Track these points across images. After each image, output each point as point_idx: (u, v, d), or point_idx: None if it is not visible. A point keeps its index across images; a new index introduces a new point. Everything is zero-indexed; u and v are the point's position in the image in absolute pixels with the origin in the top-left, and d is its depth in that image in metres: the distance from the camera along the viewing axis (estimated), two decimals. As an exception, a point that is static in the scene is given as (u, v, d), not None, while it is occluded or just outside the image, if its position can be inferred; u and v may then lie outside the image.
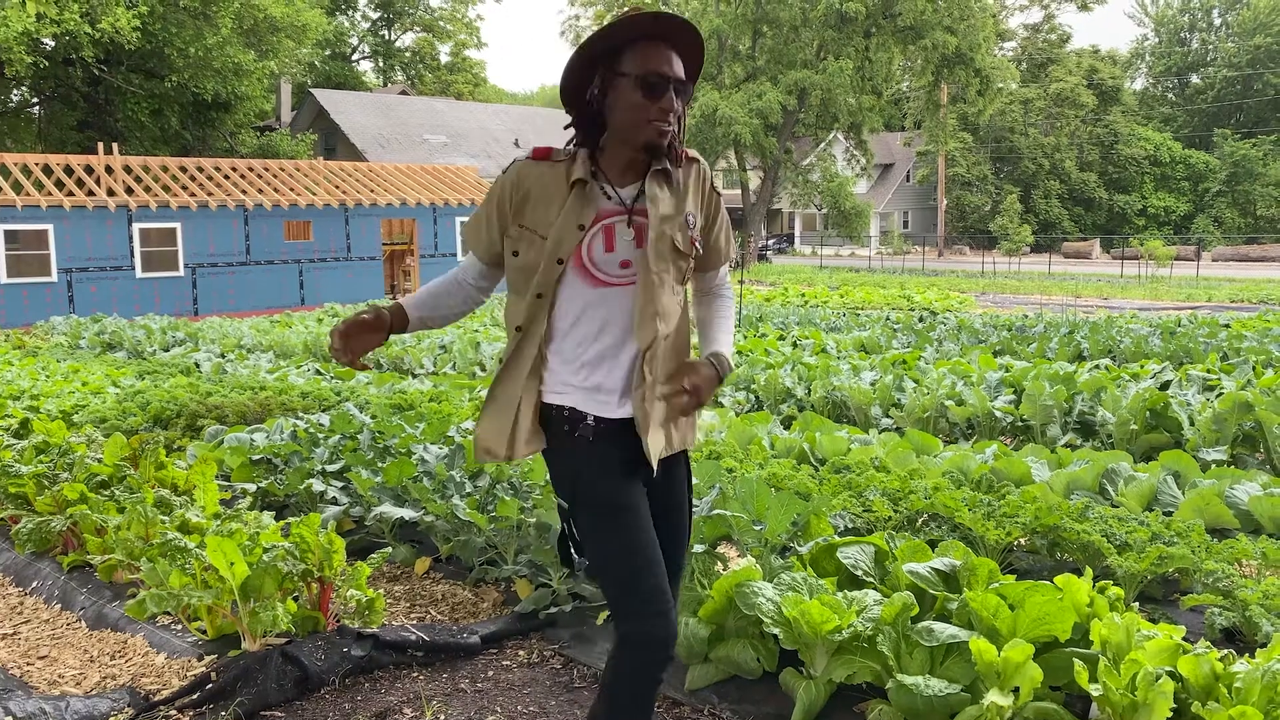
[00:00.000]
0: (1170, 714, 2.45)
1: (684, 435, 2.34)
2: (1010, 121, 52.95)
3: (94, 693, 3.25)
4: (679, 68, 2.16)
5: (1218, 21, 59.08)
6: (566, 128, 2.27)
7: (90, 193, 19.28)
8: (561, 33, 42.89)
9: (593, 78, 2.17)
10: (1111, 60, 56.37)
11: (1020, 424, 6.99)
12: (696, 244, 2.26)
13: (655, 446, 2.19)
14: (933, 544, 3.69)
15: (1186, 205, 52.85)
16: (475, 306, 2.38)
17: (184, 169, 21.55)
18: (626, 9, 2.16)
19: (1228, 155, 51.37)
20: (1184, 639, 2.77)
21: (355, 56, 51.64)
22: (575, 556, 2.28)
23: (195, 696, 3.12)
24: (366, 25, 51.34)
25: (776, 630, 2.95)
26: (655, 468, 2.21)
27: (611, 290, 2.19)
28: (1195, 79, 58.87)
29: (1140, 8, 63.26)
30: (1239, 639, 3.44)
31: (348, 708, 3.14)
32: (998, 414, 6.91)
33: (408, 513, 4.34)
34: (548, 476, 4.45)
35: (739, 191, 40.15)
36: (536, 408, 2.22)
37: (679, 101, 2.16)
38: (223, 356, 11.75)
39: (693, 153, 2.29)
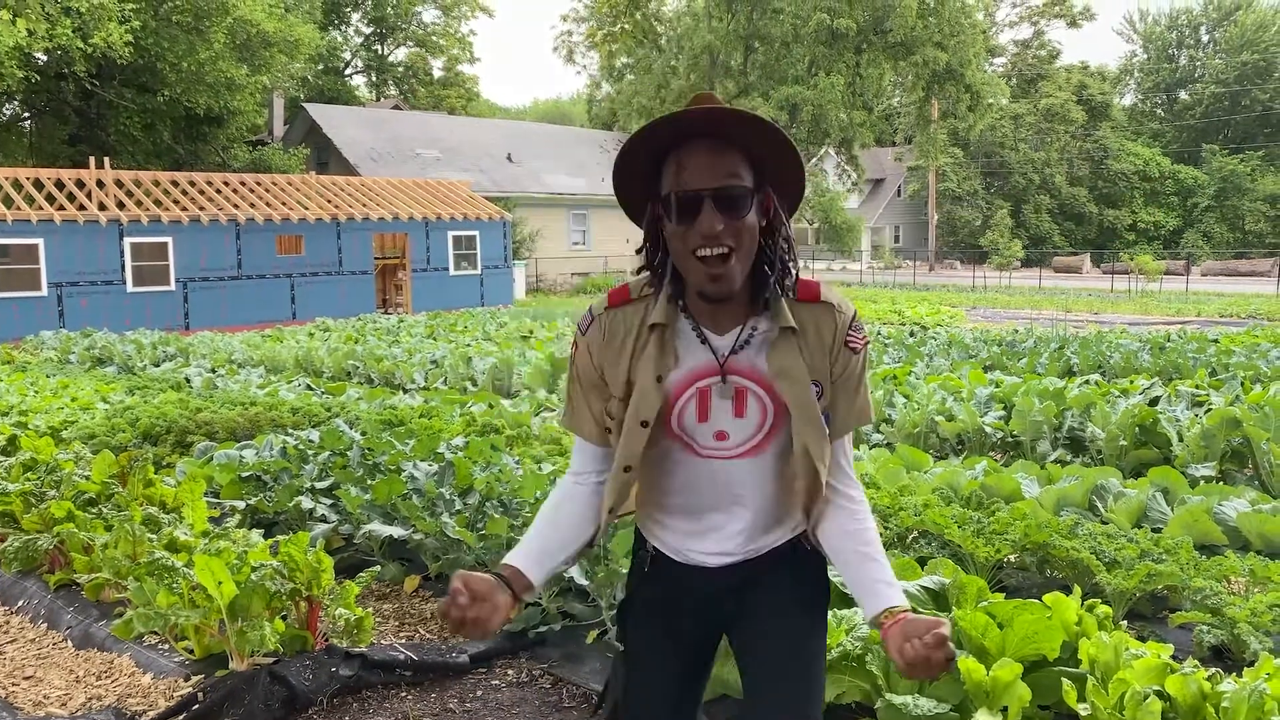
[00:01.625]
0: (1158, 733, 2.45)
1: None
2: (1001, 137, 53.25)
3: (79, 714, 3.23)
4: (728, 172, 1.61)
5: (1206, 38, 59.57)
6: (639, 271, 1.79)
7: (81, 207, 19.25)
8: (555, 48, 43.06)
9: (647, 200, 1.72)
10: (1101, 76, 56.80)
11: (1010, 439, 7.00)
12: (823, 423, 1.72)
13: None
14: (922, 561, 3.70)
15: (1176, 220, 53.16)
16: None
17: (175, 183, 21.54)
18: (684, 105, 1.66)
19: (1216, 171, 51.73)
20: (1172, 657, 2.77)
21: (348, 71, 51.72)
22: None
23: (182, 717, 3.10)
24: (360, 40, 51.46)
25: (766, 649, 2.94)
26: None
27: (719, 464, 1.75)
28: (1184, 95, 59.29)
29: (1129, 24, 63.95)
30: (1227, 656, 3.44)
31: (335, 728, 3.13)
32: (988, 430, 6.92)
33: (397, 530, 4.33)
34: (538, 495, 4.43)
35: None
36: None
37: (734, 217, 1.60)
38: (213, 371, 11.72)
39: (832, 296, 1.75)
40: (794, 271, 1.73)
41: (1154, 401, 7.42)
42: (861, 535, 1.74)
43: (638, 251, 1.78)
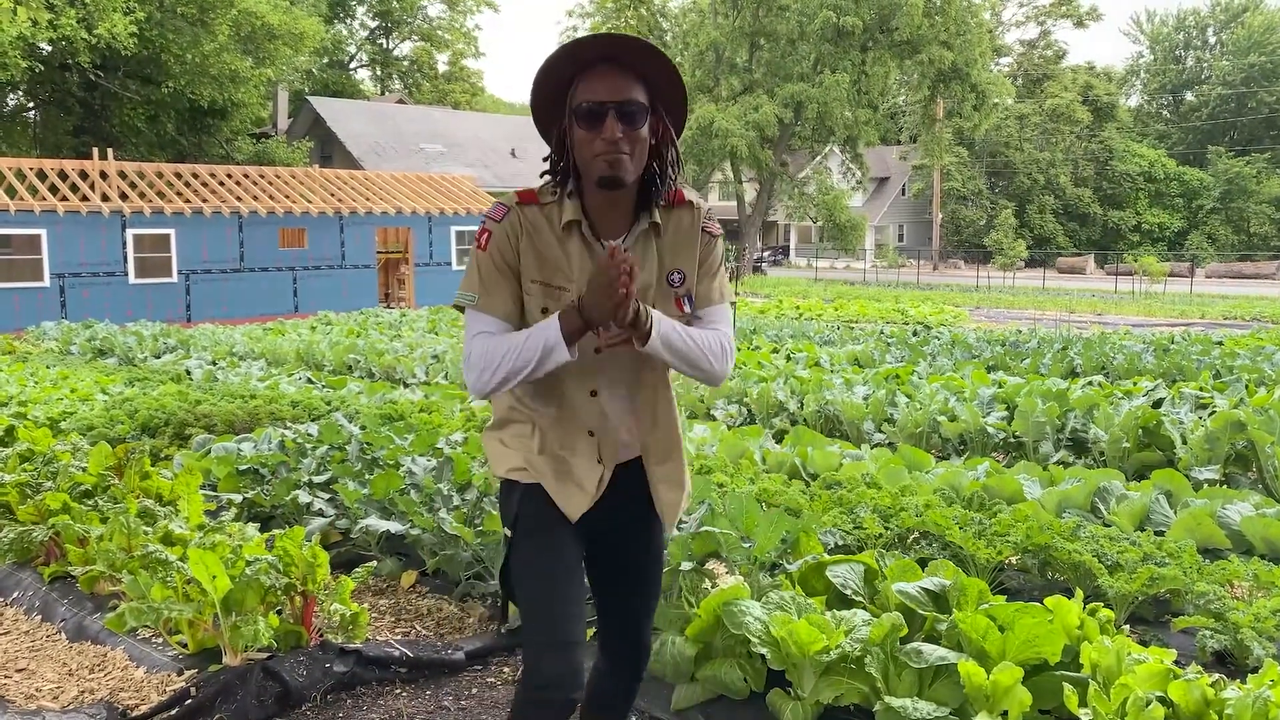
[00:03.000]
0: (1160, 740, 2.42)
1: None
2: (1006, 137, 53.17)
3: (71, 707, 3.20)
4: (630, 91, 1.94)
5: (1213, 40, 59.44)
6: (543, 175, 2.08)
7: (84, 198, 19.23)
8: (560, 43, 43.05)
9: (556, 118, 2.02)
10: (1107, 77, 56.68)
11: (1013, 440, 6.97)
12: (684, 305, 2.08)
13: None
14: (923, 563, 3.67)
15: (1181, 222, 53.06)
16: None
17: (179, 175, 21.51)
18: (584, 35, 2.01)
19: (1222, 172, 51.61)
20: (1175, 661, 2.74)
21: (353, 65, 51.71)
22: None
23: (174, 712, 3.08)
24: (364, 34, 51.44)
25: (764, 650, 2.92)
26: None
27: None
28: (1190, 96, 59.18)
29: (1136, 25, 63.79)
30: (1230, 662, 3.41)
31: (329, 725, 3.10)
32: (990, 430, 6.89)
33: (394, 526, 4.30)
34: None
35: (734, 203, 40.22)
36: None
37: (633, 128, 1.93)
38: (214, 364, 11.70)
39: (691, 195, 2.11)
40: (673, 185, 2.07)
41: (1158, 404, 7.38)
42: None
43: (545, 159, 2.06)
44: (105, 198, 19.43)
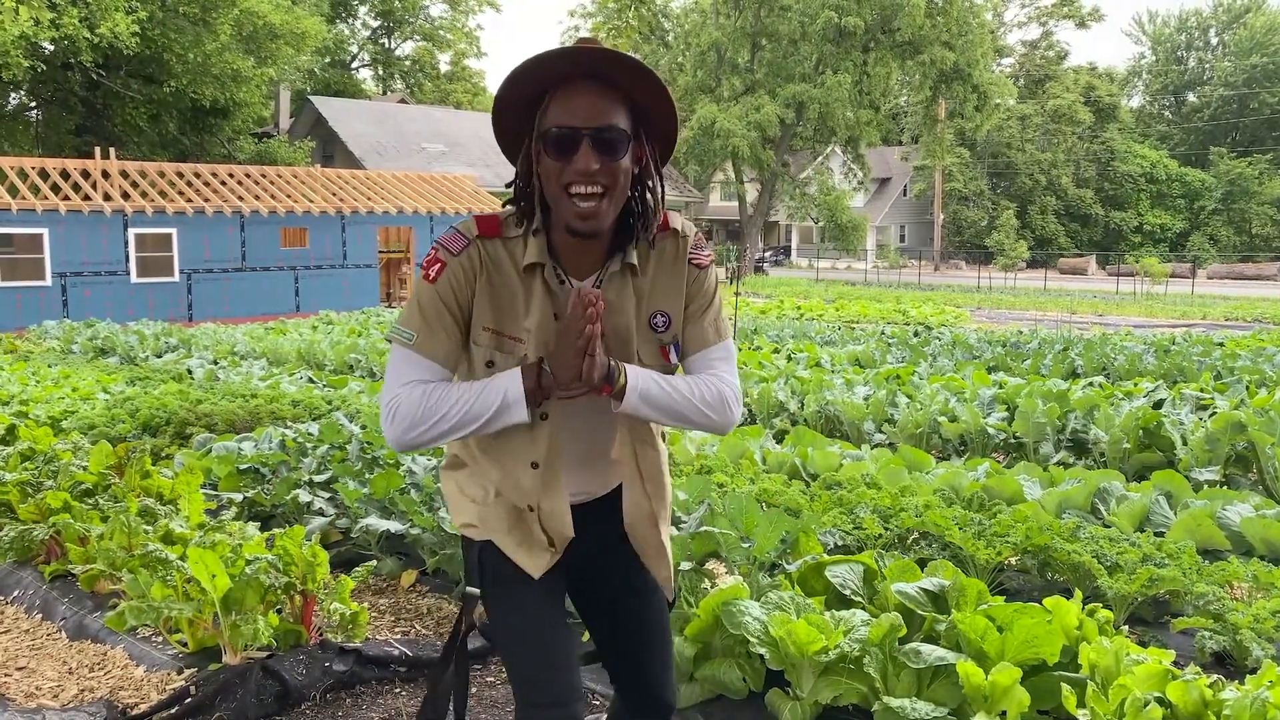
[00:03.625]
0: (1158, 741, 2.42)
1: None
2: (1007, 137, 53.15)
3: (71, 705, 3.20)
4: (611, 115, 1.66)
5: (1215, 41, 59.40)
6: (506, 203, 1.80)
7: (86, 197, 19.24)
8: (562, 44, 43.02)
9: (523, 139, 1.75)
10: (1109, 78, 56.65)
11: (1013, 441, 6.96)
12: (670, 356, 1.82)
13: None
14: (922, 563, 3.67)
15: (1182, 223, 53.03)
16: None
17: (181, 174, 21.52)
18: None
19: (1223, 174, 51.59)
20: (1174, 662, 2.74)
21: (355, 64, 51.72)
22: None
23: (174, 711, 3.08)
24: (366, 33, 51.45)
25: (763, 650, 2.92)
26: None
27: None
28: (1192, 97, 59.15)
29: (1138, 26, 63.78)
30: (1229, 663, 3.41)
31: (328, 724, 3.10)
32: (990, 431, 6.89)
33: (394, 525, 4.31)
34: None
35: (736, 204, 40.22)
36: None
37: (612, 159, 1.65)
38: (215, 363, 11.71)
39: (676, 221, 1.84)
40: (656, 221, 1.79)
41: (1158, 404, 7.38)
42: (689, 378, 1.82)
43: (507, 185, 1.81)
44: (107, 197, 19.44)
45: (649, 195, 1.78)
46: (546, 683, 1.83)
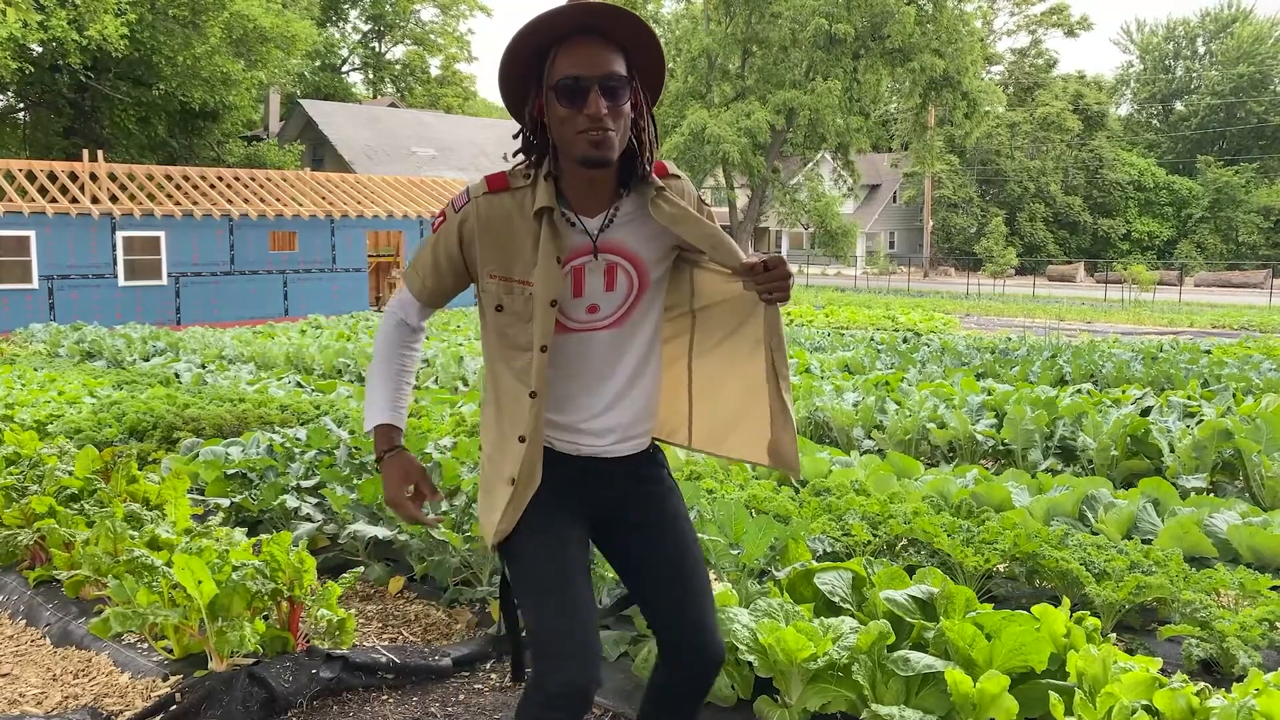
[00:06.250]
0: (1146, 749, 2.43)
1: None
2: (997, 144, 53.34)
3: (55, 713, 3.18)
4: (613, 63, 1.84)
5: (1202, 50, 59.75)
6: (515, 154, 1.98)
7: (74, 199, 19.16)
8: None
9: (530, 91, 1.91)
10: (1097, 86, 56.94)
11: (1002, 448, 6.98)
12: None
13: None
14: (911, 570, 3.67)
15: (1170, 230, 53.29)
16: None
17: (169, 177, 21.45)
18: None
19: (1211, 182, 51.88)
20: (1161, 670, 2.75)
21: (345, 68, 51.66)
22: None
23: (159, 718, 3.06)
24: (357, 37, 51.41)
25: (751, 657, 2.92)
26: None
27: (575, 336, 1.96)
28: (1179, 106, 59.46)
29: (1126, 35, 64.09)
30: (1216, 670, 3.42)
31: (314, 731, 3.09)
32: (979, 437, 6.90)
33: (382, 531, 4.29)
34: None
35: (726, 209, 40.27)
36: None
37: (616, 104, 1.84)
38: (203, 367, 11.66)
39: (673, 168, 2.03)
40: (653, 156, 1.96)
41: (1146, 412, 7.41)
42: None
43: (515, 136, 1.98)
44: (95, 199, 19.36)
45: (643, 134, 1.94)
46: (565, 631, 1.89)
